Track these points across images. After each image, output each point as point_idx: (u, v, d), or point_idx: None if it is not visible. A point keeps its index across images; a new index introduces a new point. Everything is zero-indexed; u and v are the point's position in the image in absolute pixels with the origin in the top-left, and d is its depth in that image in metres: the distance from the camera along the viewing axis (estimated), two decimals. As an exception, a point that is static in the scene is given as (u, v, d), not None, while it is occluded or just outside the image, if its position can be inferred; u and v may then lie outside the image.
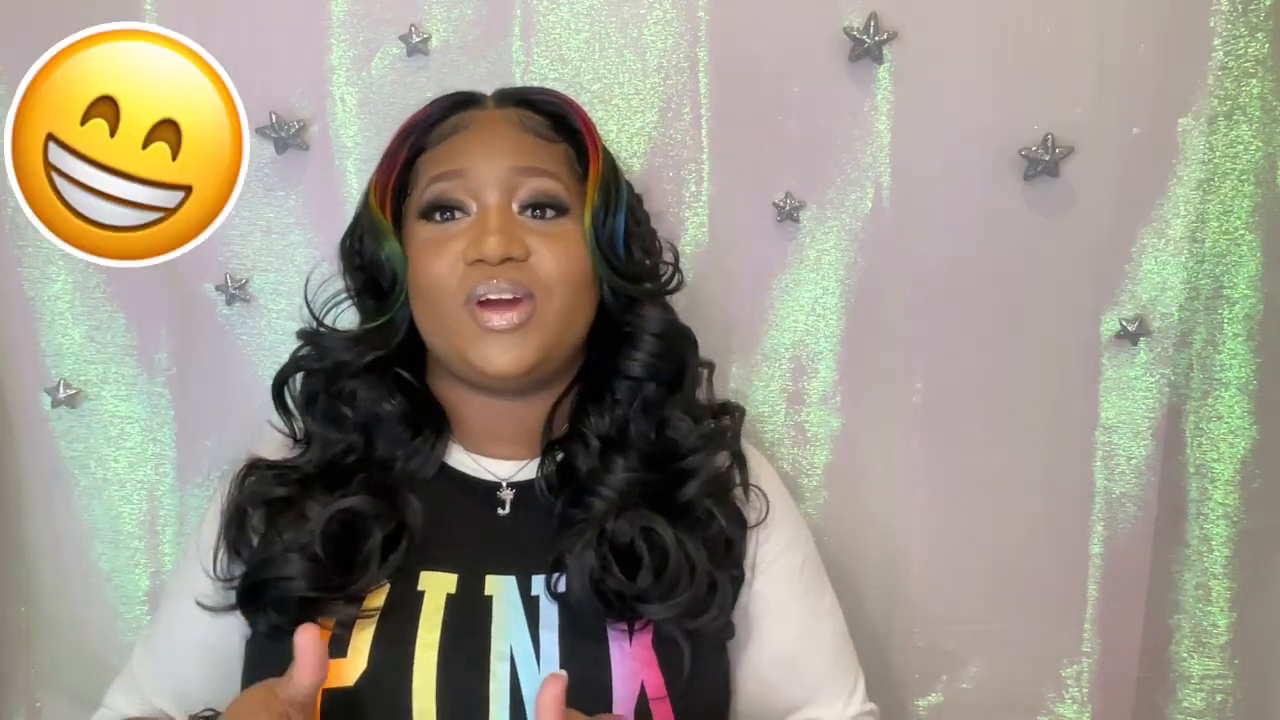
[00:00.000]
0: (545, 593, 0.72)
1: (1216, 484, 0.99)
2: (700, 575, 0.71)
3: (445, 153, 0.75)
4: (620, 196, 0.76)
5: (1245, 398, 0.97)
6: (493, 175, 0.73)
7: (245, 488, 0.74)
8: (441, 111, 0.78)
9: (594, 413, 0.76)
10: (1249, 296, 0.95)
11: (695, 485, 0.74)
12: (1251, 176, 0.93)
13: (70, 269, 0.96)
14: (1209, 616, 1.00)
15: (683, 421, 0.76)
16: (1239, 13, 0.90)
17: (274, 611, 0.70)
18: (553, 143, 0.76)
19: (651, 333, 0.77)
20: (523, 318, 0.71)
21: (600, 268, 0.74)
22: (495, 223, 0.71)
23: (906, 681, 1.04)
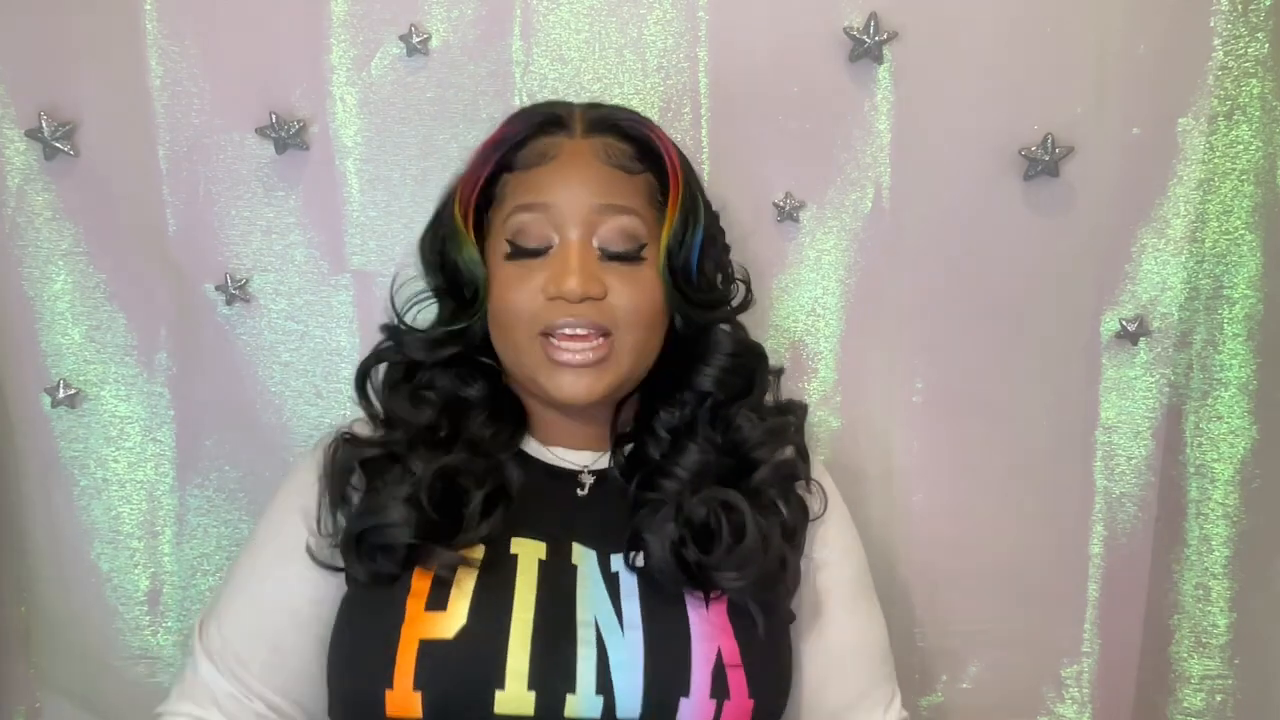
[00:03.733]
0: (625, 568, 0.74)
1: (1216, 484, 0.99)
2: (773, 550, 0.74)
3: (532, 182, 0.76)
4: (697, 221, 0.77)
5: (1245, 398, 0.97)
6: (577, 212, 0.74)
7: (343, 453, 0.77)
8: (530, 129, 0.78)
9: (664, 410, 0.79)
10: (1249, 296, 0.95)
11: (765, 471, 0.77)
12: (1251, 176, 0.93)
13: (70, 269, 0.96)
14: (1209, 616, 1.00)
15: (748, 420, 0.79)
16: (1239, 13, 0.90)
17: (379, 557, 0.72)
18: (635, 174, 0.77)
19: (723, 353, 0.79)
20: (598, 355, 0.74)
21: (674, 300, 0.76)
22: (576, 261, 0.73)
23: (906, 681, 1.04)
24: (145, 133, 0.93)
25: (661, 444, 0.79)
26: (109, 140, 0.94)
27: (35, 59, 0.92)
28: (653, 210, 0.77)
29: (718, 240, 0.82)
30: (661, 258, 0.76)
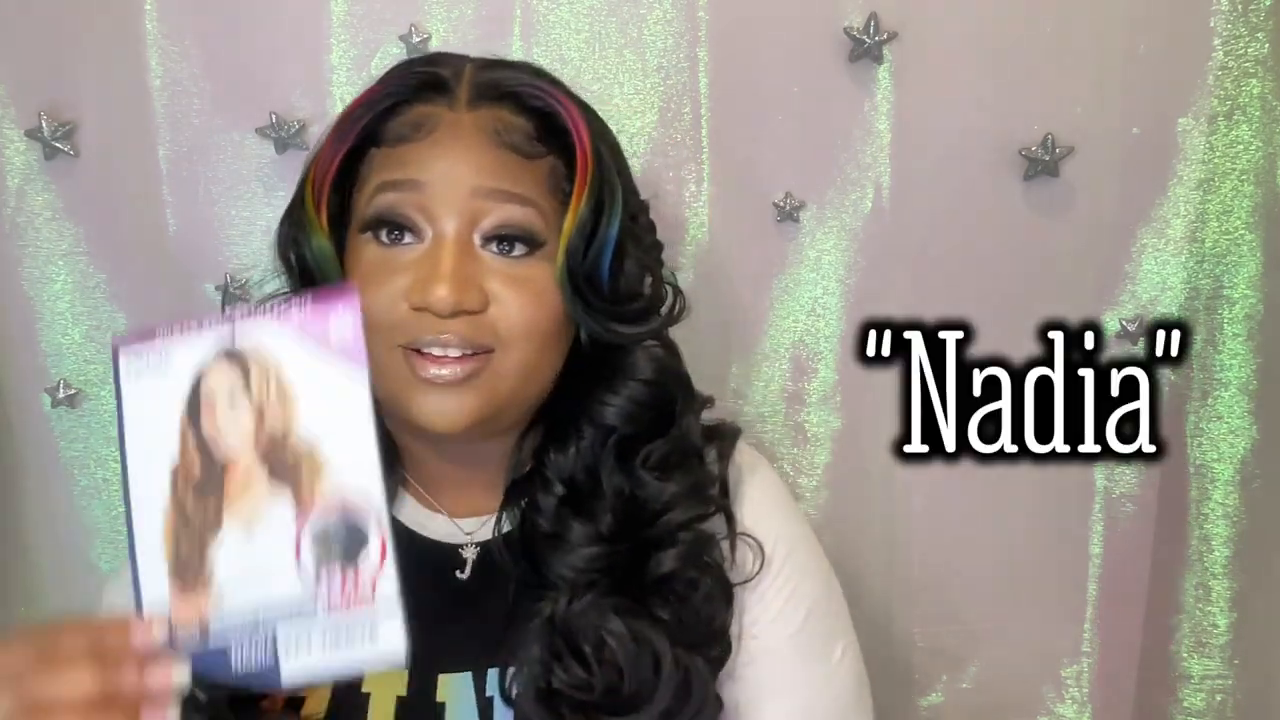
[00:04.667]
0: (499, 694, 0.63)
1: (1216, 484, 0.99)
2: (667, 680, 0.61)
3: (401, 156, 0.62)
4: (613, 213, 0.64)
5: (1245, 398, 0.97)
6: (454, 196, 0.61)
7: None
8: (403, 92, 0.64)
9: (555, 450, 0.66)
10: (1249, 296, 0.95)
11: (672, 557, 0.64)
12: (1251, 176, 0.93)
13: (70, 269, 0.96)
14: (1209, 616, 1.00)
15: (654, 476, 0.65)
16: (1239, 13, 0.90)
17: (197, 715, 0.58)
18: (534, 159, 0.63)
19: (637, 378, 0.66)
20: (469, 371, 0.60)
21: (575, 310, 0.63)
22: (448, 264, 0.60)
23: (906, 681, 1.04)
24: (145, 133, 0.93)
25: (550, 501, 0.65)
26: (109, 140, 0.94)
27: (35, 59, 0.92)
28: (556, 200, 0.63)
29: (643, 239, 0.68)
30: (560, 258, 0.62)
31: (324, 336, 0.52)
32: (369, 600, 0.50)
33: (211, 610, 0.51)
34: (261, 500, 0.52)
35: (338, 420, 0.52)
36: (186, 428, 0.52)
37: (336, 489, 0.51)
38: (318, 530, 0.51)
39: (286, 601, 0.50)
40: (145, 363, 0.53)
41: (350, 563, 0.50)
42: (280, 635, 0.50)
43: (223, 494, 0.52)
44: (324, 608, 0.50)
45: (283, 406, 0.52)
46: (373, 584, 0.50)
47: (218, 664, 0.50)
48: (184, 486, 0.52)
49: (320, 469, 0.51)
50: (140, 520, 0.52)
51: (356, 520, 0.51)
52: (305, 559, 0.51)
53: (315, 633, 0.50)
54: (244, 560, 0.51)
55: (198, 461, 0.52)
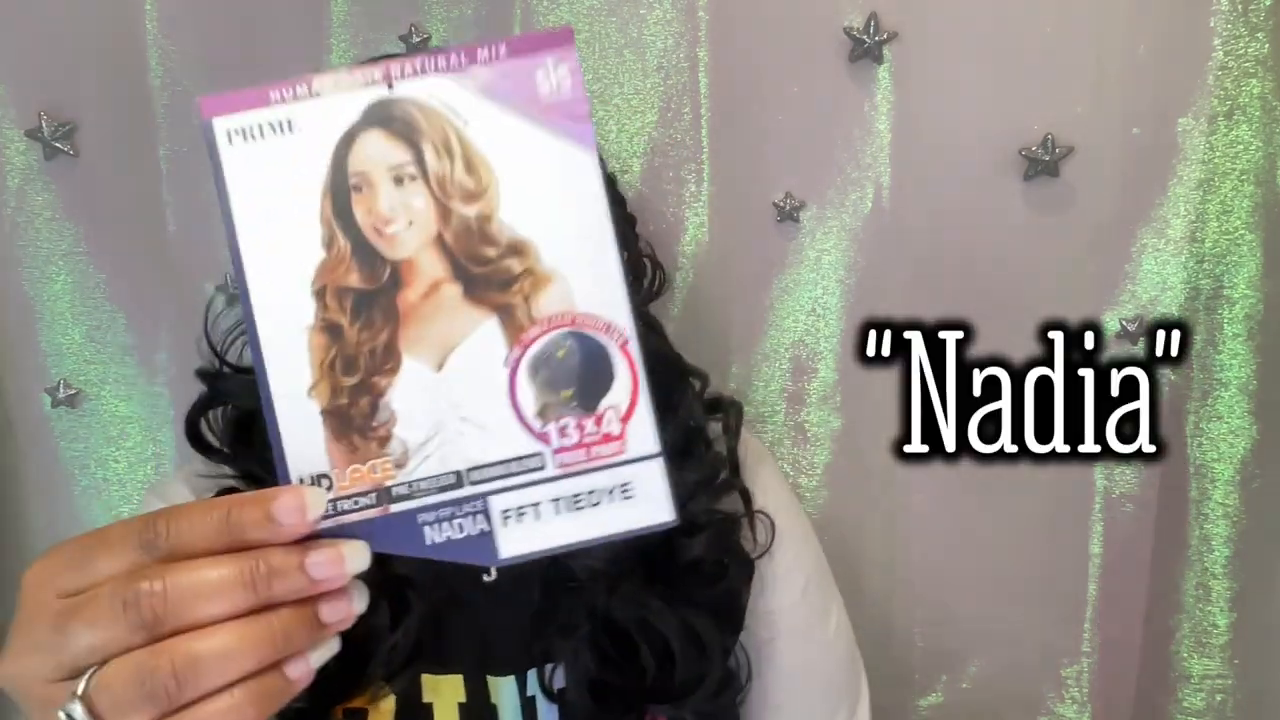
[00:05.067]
0: (541, 692, 0.64)
1: (1216, 484, 0.99)
2: (715, 665, 0.63)
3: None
4: None
5: (1245, 398, 0.97)
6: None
7: None
8: None
9: None
10: (1249, 296, 0.95)
11: (700, 542, 0.64)
12: (1251, 176, 0.93)
13: (70, 269, 0.96)
14: (1209, 616, 1.00)
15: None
16: (1239, 13, 0.90)
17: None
18: None
19: None
20: None
21: None
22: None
23: (906, 681, 1.04)
24: (145, 133, 0.93)
25: None
26: (109, 140, 0.94)
27: (35, 59, 0.92)
28: None
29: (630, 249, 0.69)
30: None
31: (530, 93, 0.40)
32: (618, 450, 0.39)
33: (393, 474, 0.39)
34: (456, 321, 0.40)
35: (558, 207, 0.40)
36: (332, 219, 0.39)
37: (563, 303, 0.39)
38: (541, 361, 0.39)
39: (501, 458, 0.39)
40: (257, 132, 0.40)
41: (588, 403, 0.40)
42: (494, 500, 0.39)
43: (396, 314, 0.39)
44: (555, 463, 0.39)
45: (477, 188, 0.40)
46: (621, 429, 0.39)
47: (406, 536, 0.39)
48: (336, 304, 0.39)
49: (539, 277, 0.39)
50: (273, 357, 0.39)
51: (594, 346, 0.40)
52: (524, 400, 0.39)
53: (544, 495, 0.39)
54: (435, 406, 0.39)
55: (354, 267, 0.39)
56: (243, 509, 0.36)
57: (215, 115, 0.41)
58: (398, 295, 0.39)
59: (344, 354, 0.39)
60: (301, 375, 0.39)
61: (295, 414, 0.39)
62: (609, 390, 0.40)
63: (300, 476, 0.39)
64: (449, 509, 0.39)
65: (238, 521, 0.36)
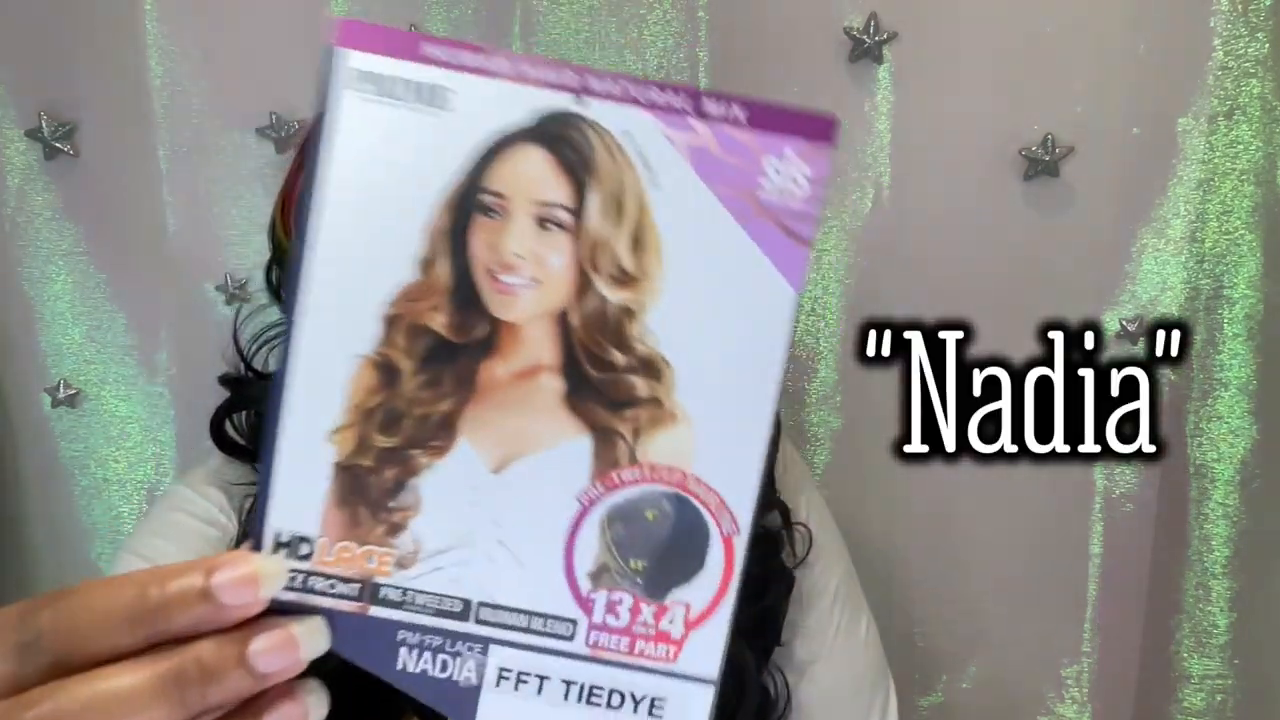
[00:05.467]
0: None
1: (1216, 484, 0.99)
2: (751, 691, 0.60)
3: None
4: None
5: (1245, 398, 0.97)
6: None
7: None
8: None
9: None
10: (1249, 296, 0.95)
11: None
12: (1251, 176, 0.93)
13: (70, 269, 0.96)
14: (1209, 616, 1.00)
15: None
16: (1239, 13, 0.90)
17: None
18: None
19: None
20: None
21: None
22: None
23: (906, 681, 1.04)
24: (145, 133, 0.93)
25: None
26: (109, 140, 0.94)
27: (35, 59, 0.92)
28: None
29: None
30: None
31: (749, 181, 0.31)
32: (668, 657, 0.32)
33: (389, 572, 0.31)
34: (541, 423, 0.31)
35: (723, 337, 0.31)
36: (440, 238, 0.30)
37: (680, 455, 0.31)
38: (623, 514, 0.31)
39: (526, 606, 0.31)
40: (398, 90, 0.30)
41: (657, 587, 0.32)
42: (497, 651, 0.31)
43: (473, 385, 0.31)
44: (587, 641, 0.31)
45: (635, 272, 0.31)
46: (683, 634, 0.32)
47: (375, 648, 0.31)
48: (406, 343, 0.30)
49: (663, 412, 0.31)
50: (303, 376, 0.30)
51: (695, 522, 0.31)
52: (582, 552, 0.31)
53: (558, 670, 0.31)
54: (472, 514, 0.31)
55: (444, 307, 0.31)
56: (166, 585, 0.27)
57: (352, 46, 0.31)
58: (483, 362, 0.31)
59: (390, 406, 0.31)
60: (329, 411, 0.30)
61: (303, 454, 0.31)
62: (688, 581, 0.32)
63: (279, 531, 0.30)
64: (439, 639, 0.31)
65: (159, 603, 0.27)
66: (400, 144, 0.30)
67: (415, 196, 0.30)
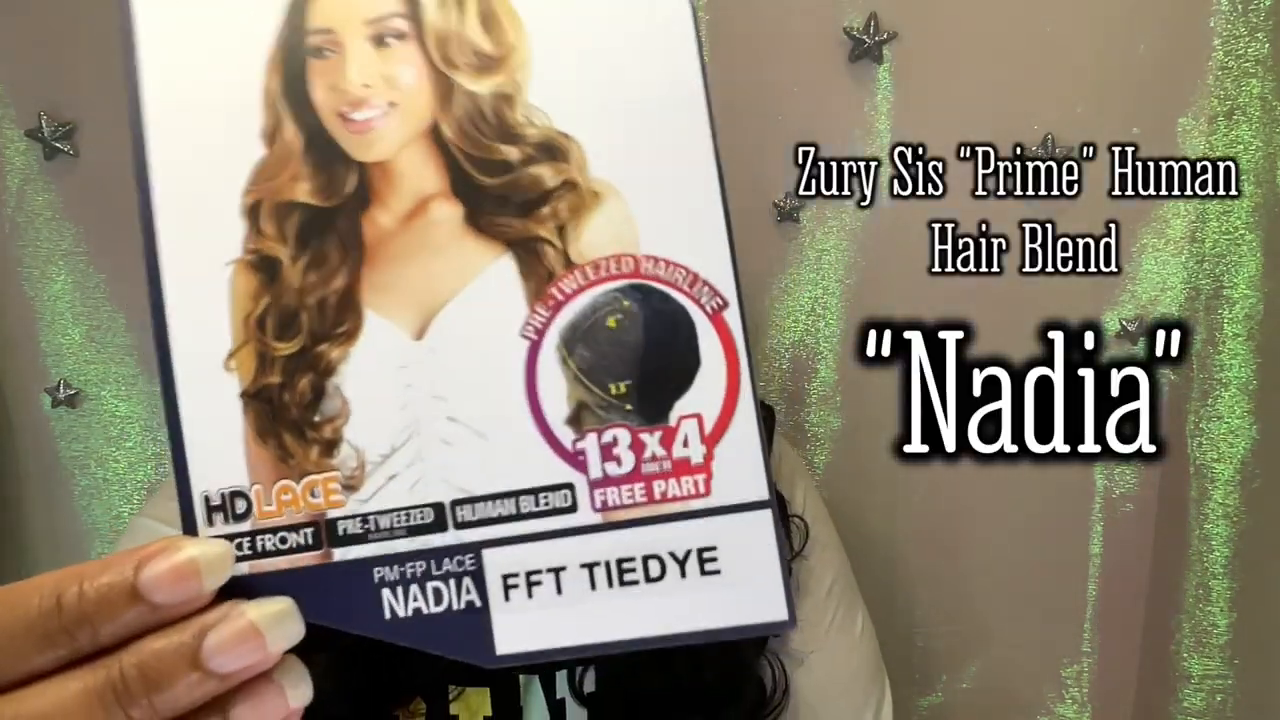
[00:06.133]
0: (570, 694, 0.60)
1: (1216, 484, 0.99)
2: (749, 674, 0.61)
3: None
4: None
5: (1245, 398, 0.97)
6: None
7: None
8: None
9: None
10: (1249, 296, 0.95)
11: None
12: (1251, 176, 0.93)
13: (70, 269, 0.96)
14: (1209, 616, 1.00)
15: None
16: (1239, 13, 0.90)
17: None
18: None
19: None
20: None
21: None
22: None
23: (906, 681, 1.04)
24: (145, 133, 0.93)
25: None
26: (109, 140, 0.93)
27: (35, 59, 0.92)
28: None
29: None
30: None
31: None
32: (698, 490, 0.25)
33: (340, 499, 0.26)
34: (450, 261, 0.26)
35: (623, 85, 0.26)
36: (278, 99, 0.26)
37: (622, 238, 0.26)
38: (581, 332, 0.25)
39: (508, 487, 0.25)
40: None
41: (653, 407, 0.25)
42: (492, 555, 0.25)
43: (361, 247, 0.26)
44: (593, 503, 0.25)
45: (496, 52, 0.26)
46: (706, 455, 0.25)
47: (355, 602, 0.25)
48: (275, 228, 0.26)
49: (584, 194, 0.26)
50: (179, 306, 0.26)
51: (670, 312, 0.25)
52: (550, 396, 0.25)
53: (573, 555, 0.25)
54: (409, 395, 0.26)
55: (304, 172, 0.26)
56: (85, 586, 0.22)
57: None
58: (365, 217, 0.26)
59: (280, 306, 0.26)
60: (217, 336, 0.26)
61: (203, 395, 0.26)
62: (689, 386, 0.25)
63: (206, 492, 0.25)
64: (421, 563, 0.25)
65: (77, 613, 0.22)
66: (206, 17, 0.26)
67: (237, 67, 0.26)
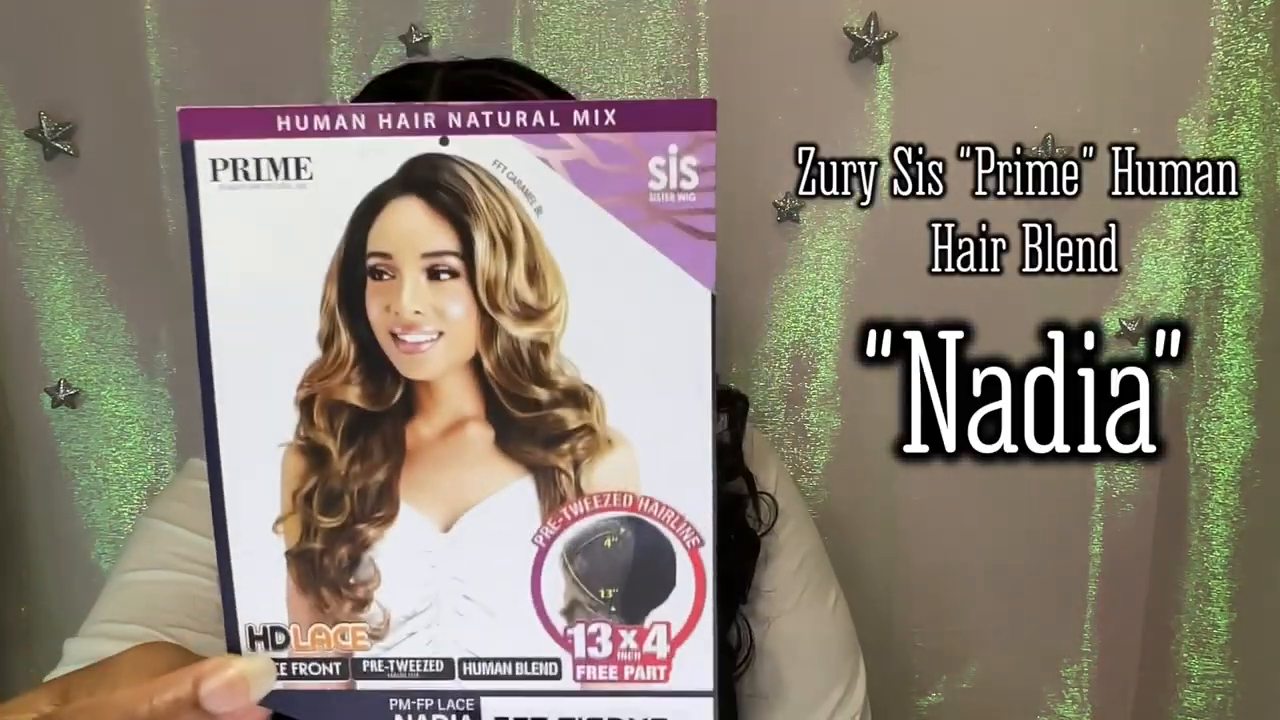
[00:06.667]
0: None
1: (1216, 484, 0.99)
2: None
3: None
4: None
5: (1245, 398, 0.97)
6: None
7: None
8: None
9: None
10: (1249, 296, 0.95)
11: None
12: (1251, 176, 0.93)
13: (70, 269, 0.96)
14: (1209, 616, 1.00)
15: None
16: (1239, 13, 0.90)
17: None
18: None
19: None
20: None
21: None
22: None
23: (906, 681, 1.04)
24: (145, 133, 0.93)
25: None
26: (109, 140, 0.94)
27: (35, 59, 0.92)
28: None
29: None
30: None
31: (637, 186, 0.29)
32: (658, 678, 0.32)
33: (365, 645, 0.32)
34: (479, 474, 0.31)
35: (644, 352, 0.30)
36: (336, 310, 0.30)
37: (626, 479, 0.31)
38: (581, 547, 0.31)
39: (507, 654, 0.32)
40: (253, 171, 0.29)
41: (633, 612, 0.32)
42: (489, 704, 0.32)
43: (402, 450, 0.31)
44: (574, 676, 0.32)
45: (538, 305, 0.30)
46: (669, 653, 0.32)
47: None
48: (325, 423, 0.31)
49: (598, 440, 0.31)
50: (236, 474, 0.31)
51: (655, 543, 0.31)
52: (550, 591, 0.32)
53: (553, 711, 0.32)
54: (433, 575, 0.32)
55: (355, 379, 0.30)
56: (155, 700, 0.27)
57: (200, 137, 0.29)
58: (408, 425, 0.31)
59: (326, 487, 0.31)
60: (268, 503, 0.31)
61: (253, 549, 0.31)
62: (664, 601, 0.31)
63: (250, 625, 0.31)
64: (430, 700, 0.31)
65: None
66: (272, 225, 0.30)
67: (300, 275, 0.30)
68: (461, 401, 0.31)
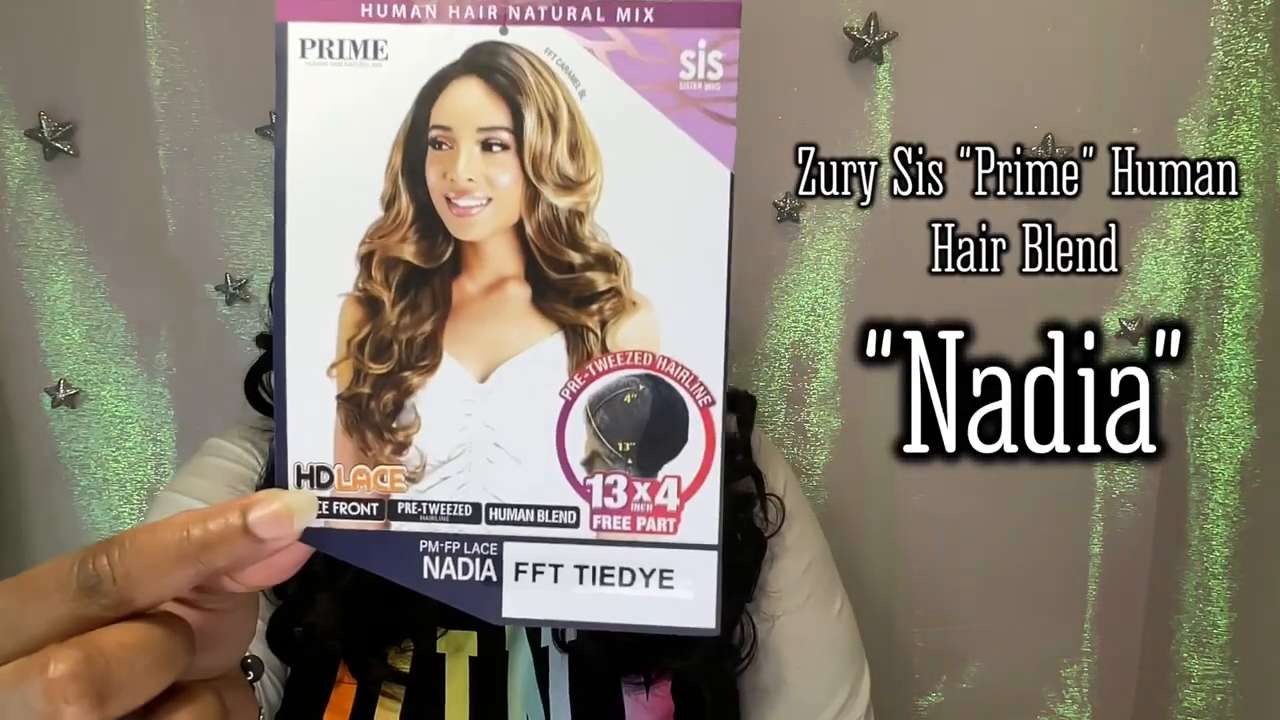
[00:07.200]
0: (554, 644, 0.65)
1: (1216, 484, 0.99)
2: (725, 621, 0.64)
3: None
4: None
5: (1245, 398, 0.97)
6: None
7: None
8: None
9: None
10: (1249, 296, 0.95)
11: None
12: (1251, 176, 0.93)
13: (70, 269, 0.96)
14: (1209, 616, 1.00)
15: None
16: (1239, 13, 0.90)
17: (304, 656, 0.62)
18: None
19: None
20: None
21: None
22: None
23: (906, 681, 1.04)
24: (145, 133, 0.93)
25: None
26: (109, 140, 0.93)
27: (35, 59, 0.92)
28: None
29: None
30: None
31: (668, 75, 0.33)
32: (668, 530, 0.34)
33: (403, 487, 0.34)
34: (515, 329, 0.34)
35: (669, 224, 0.34)
36: (399, 175, 0.34)
37: (647, 339, 0.34)
38: (603, 401, 0.34)
39: (530, 501, 0.34)
40: (337, 50, 0.35)
41: (647, 465, 0.34)
42: (511, 548, 0.34)
43: (449, 303, 0.34)
44: (591, 525, 0.34)
45: (577, 177, 0.33)
46: (679, 505, 0.34)
47: (402, 562, 0.34)
48: (382, 276, 0.34)
49: (624, 301, 0.34)
50: (297, 320, 0.34)
51: (671, 399, 0.34)
52: (573, 442, 0.34)
53: (570, 557, 0.34)
54: (468, 422, 0.34)
55: (411, 236, 0.34)
56: (207, 525, 0.29)
57: (293, 18, 0.36)
58: (454, 282, 0.34)
59: (378, 336, 0.34)
60: (324, 349, 0.34)
61: (307, 392, 0.34)
62: (675, 455, 0.34)
63: (299, 463, 0.34)
64: (457, 544, 0.34)
65: (201, 543, 0.29)
66: (350, 98, 0.34)
67: (371, 143, 0.34)
68: (504, 262, 0.34)
